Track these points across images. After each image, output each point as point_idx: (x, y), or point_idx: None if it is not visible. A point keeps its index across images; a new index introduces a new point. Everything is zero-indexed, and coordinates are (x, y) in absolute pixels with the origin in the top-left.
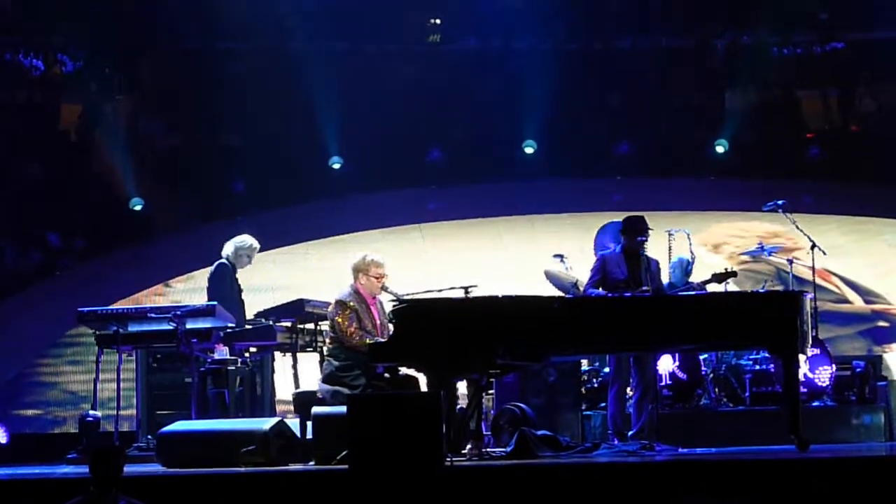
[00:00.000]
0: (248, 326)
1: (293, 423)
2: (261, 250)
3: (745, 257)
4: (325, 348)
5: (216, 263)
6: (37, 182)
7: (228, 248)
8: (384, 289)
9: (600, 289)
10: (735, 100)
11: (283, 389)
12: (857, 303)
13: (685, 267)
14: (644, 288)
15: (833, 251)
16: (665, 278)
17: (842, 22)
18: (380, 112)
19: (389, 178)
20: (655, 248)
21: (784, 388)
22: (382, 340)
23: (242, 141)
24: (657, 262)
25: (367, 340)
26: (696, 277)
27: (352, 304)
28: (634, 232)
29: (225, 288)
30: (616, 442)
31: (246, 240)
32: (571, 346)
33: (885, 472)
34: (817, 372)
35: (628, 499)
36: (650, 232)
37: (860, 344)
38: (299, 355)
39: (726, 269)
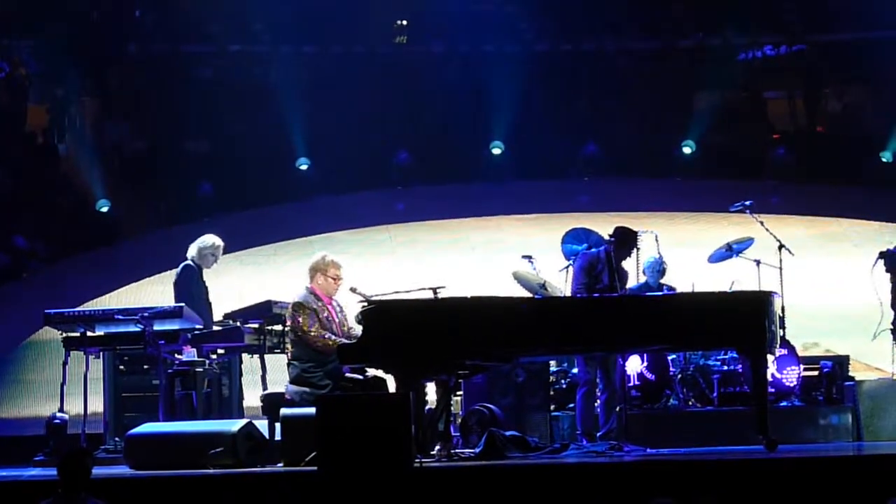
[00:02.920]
0: (215, 328)
1: (262, 424)
2: (228, 252)
3: None
4: (287, 351)
5: (181, 265)
6: (2, 184)
7: (192, 250)
8: (353, 290)
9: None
10: (702, 101)
11: (251, 391)
12: None
13: (658, 267)
14: (615, 294)
15: (798, 252)
16: (639, 279)
17: (807, 24)
18: (347, 114)
19: (357, 179)
20: None
21: (752, 389)
22: (349, 342)
23: (209, 143)
24: (627, 273)
25: (331, 341)
26: (666, 279)
27: (309, 304)
28: (630, 246)
29: (191, 290)
30: (584, 442)
31: (208, 239)
32: (540, 347)
33: (852, 472)
34: (785, 372)
35: (597, 499)
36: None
37: None
38: (267, 357)
39: None
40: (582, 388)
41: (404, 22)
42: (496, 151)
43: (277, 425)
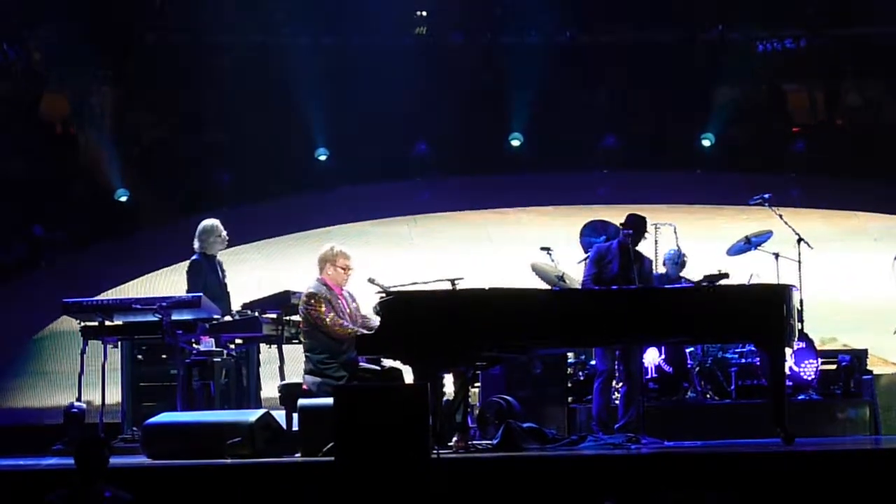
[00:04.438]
0: (229, 318)
1: (279, 414)
2: (247, 242)
3: None
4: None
5: (189, 262)
6: (21, 173)
7: (195, 243)
8: (371, 281)
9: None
10: (721, 94)
11: (269, 381)
12: None
13: (678, 260)
14: (633, 287)
15: (817, 245)
16: (660, 271)
17: (827, 17)
18: (366, 104)
19: (376, 170)
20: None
21: (770, 382)
22: (368, 332)
23: (228, 134)
24: (650, 261)
25: (350, 329)
26: (686, 272)
27: (322, 294)
28: (639, 230)
29: (199, 284)
30: (600, 434)
31: (204, 225)
32: (558, 338)
33: (869, 466)
34: (803, 365)
35: (614, 491)
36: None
37: None
38: (285, 347)
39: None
40: (599, 378)
41: (424, 13)
42: (515, 143)
43: (295, 416)
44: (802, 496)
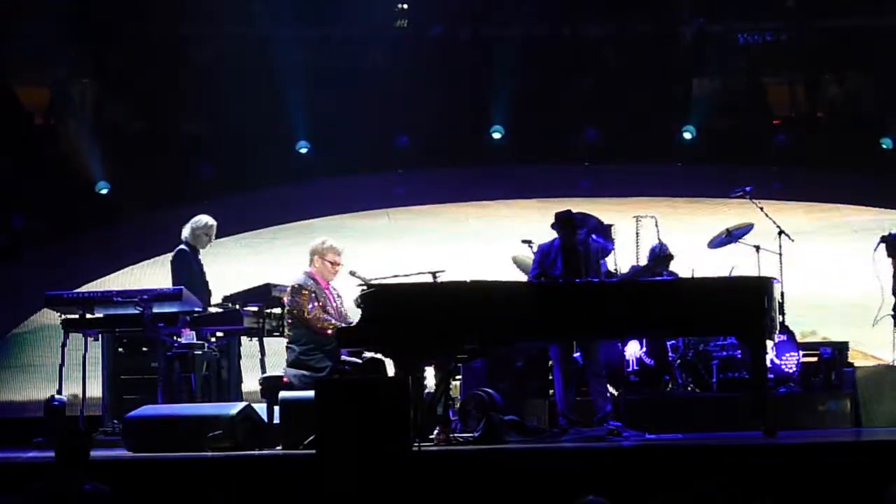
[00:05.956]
0: (212, 310)
1: (260, 407)
2: (228, 235)
3: None
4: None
5: (176, 249)
6: (0, 164)
7: (186, 231)
8: (352, 273)
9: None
10: (702, 86)
11: (250, 374)
12: None
13: (661, 253)
14: (615, 279)
15: (798, 238)
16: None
17: (808, 10)
18: (347, 97)
19: (357, 162)
20: (623, 234)
21: (752, 375)
22: (349, 325)
23: (209, 125)
24: (597, 248)
25: (330, 324)
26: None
27: (309, 287)
28: (565, 228)
29: (185, 274)
30: (563, 422)
31: (201, 219)
32: (539, 331)
33: (850, 458)
34: (784, 358)
35: (595, 484)
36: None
37: None
38: (266, 340)
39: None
40: (556, 370)
41: (405, 6)
42: (496, 136)
43: (276, 408)
44: (784, 488)
